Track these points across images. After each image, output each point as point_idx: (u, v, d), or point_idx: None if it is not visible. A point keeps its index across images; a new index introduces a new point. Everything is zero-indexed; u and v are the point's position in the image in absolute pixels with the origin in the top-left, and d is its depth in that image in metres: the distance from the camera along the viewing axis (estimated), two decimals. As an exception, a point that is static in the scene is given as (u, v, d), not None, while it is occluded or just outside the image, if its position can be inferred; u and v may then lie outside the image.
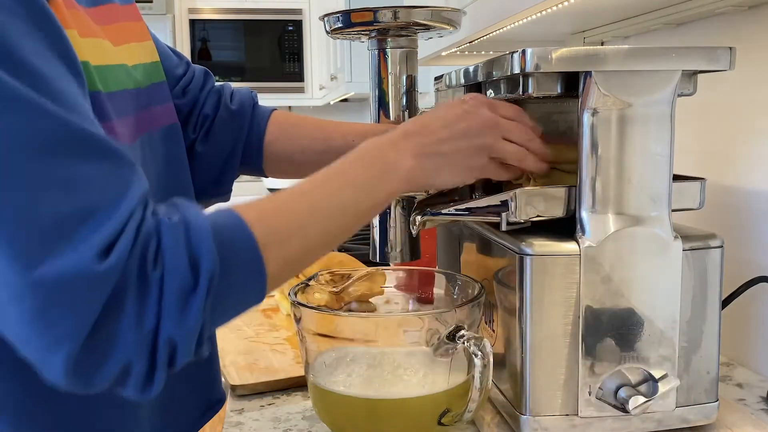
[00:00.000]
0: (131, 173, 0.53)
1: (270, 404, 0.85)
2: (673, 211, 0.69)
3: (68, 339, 0.47)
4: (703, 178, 0.73)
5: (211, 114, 0.90)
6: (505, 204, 0.69)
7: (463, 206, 0.73)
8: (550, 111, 0.86)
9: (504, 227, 0.69)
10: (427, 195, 0.81)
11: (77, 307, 0.46)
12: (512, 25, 1.06)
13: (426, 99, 1.95)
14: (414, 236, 0.85)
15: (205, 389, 0.75)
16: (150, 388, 0.51)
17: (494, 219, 0.70)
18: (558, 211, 0.69)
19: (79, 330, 0.47)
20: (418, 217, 0.78)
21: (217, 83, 0.94)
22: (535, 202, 0.69)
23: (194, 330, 0.50)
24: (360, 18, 0.79)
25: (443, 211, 0.75)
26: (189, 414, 0.72)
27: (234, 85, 0.96)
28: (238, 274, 0.53)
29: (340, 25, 0.81)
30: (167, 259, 0.49)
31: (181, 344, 0.50)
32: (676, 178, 0.70)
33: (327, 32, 0.83)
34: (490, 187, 0.81)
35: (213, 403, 0.76)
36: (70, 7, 0.61)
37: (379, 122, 0.86)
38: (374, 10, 0.78)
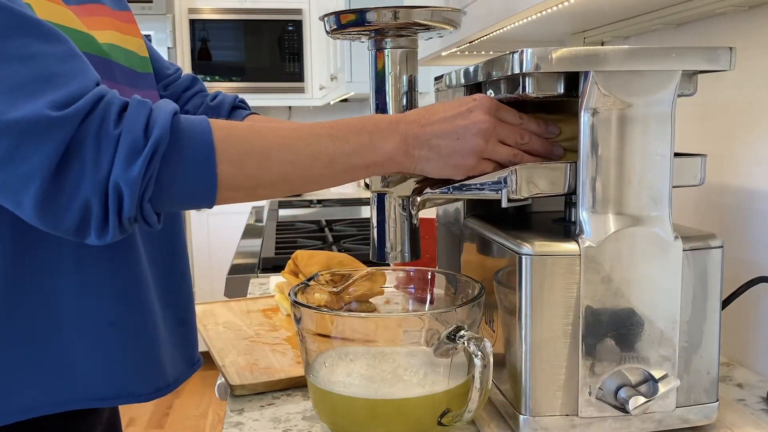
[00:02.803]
0: (85, 60, 0.65)
1: (270, 404, 0.85)
2: (674, 187, 0.69)
3: (36, 174, 0.59)
4: (704, 155, 0.72)
5: (191, 111, 1.00)
6: (505, 180, 0.69)
7: (463, 184, 0.73)
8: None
9: (505, 204, 0.69)
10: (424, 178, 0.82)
11: (40, 147, 0.58)
12: (512, 25, 1.06)
13: (426, 99, 1.95)
14: (414, 235, 0.85)
15: (185, 348, 0.89)
16: (107, 233, 0.62)
17: (495, 196, 0.70)
18: (559, 188, 0.69)
19: (44, 166, 0.59)
20: (418, 198, 0.78)
21: (211, 91, 1.04)
22: (535, 179, 0.68)
23: (136, 182, 0.60)
24: (359, 18, 0.79)
25: (443, 189, 0.75)
26: (177, 365, 0.87)
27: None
28: (186, 152, 0.63)
29: (339, 25, 0.81)
30: (127, 122, 0.61)
31: (125, 193, 0.60)
32: (676, 155, 0.70)
33: (327, 32, 0.83)
34: None
35: (194, 362, 0.92)
36: None
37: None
38: (374, 10, 0.78)
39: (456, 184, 0.73)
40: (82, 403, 0.77)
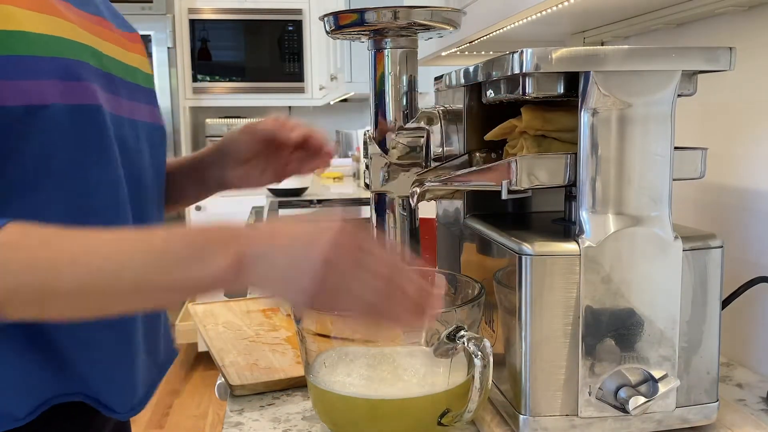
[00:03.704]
0: None
1: (270, 404, 0.85)
2: (675, 180, 0.69)
3: None
4: (704, 148, 0.72)
5: None
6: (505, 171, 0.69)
7: (463, 174, 0.73)
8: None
9: (505, 195, 0.69)
10: (426, 169, 0.82)
11: None
12: (512, 25, 1.06)
13: (426, 99, 1.95)
14: (414, 235, 0.85)
15: (157, 347, 0.86)
16: None
17: (495, 187, 0.70)
18: (559, 179, 0.69)
19: None
20: (417, 189, 0.78)
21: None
22: (536, 170, 0.68)
23: None
24: (359, 18, 0.79)
25: (443, 180, 0.75)
26: (151, 366, 0.84)
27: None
28: None
29: (340, 25, 0.81)
30: None
31: None
32: (677, 148, 0.70)
33: (327, 32, 0.83)
34: (489, 159, 0.81)
35: (171, 356, 0.90)
36: None
37: (376, 122, 0.86)
38: (374, 10, 0.78)
39: (456, 175, 0.73)
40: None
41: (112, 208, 0.77)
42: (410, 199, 0.81)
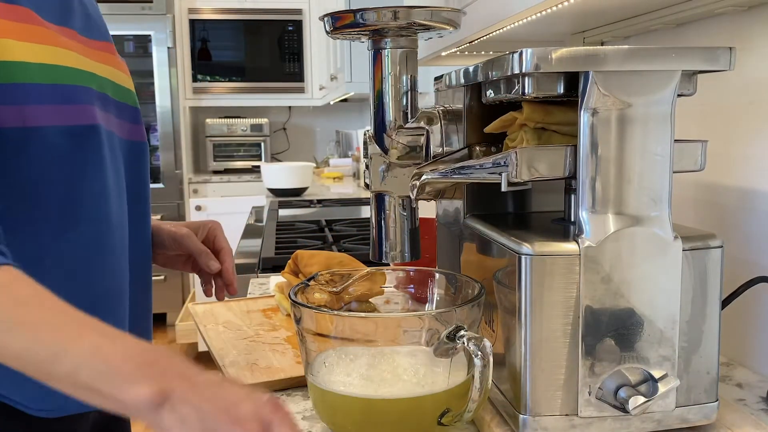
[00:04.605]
0: None
1: (270, 404, 0.85)
2: (675, 172, 0.69)
3: None
4: (704, 140, 0.72)
5: None
6: (505, 162, 0.69)
7: (463, 167, 0.72)
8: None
9: (504, 188, 0.69)
10: (424, 163, 0.82)
11: None
12: (512, 25, 1.06)
13: (426, 99, 1.95)
14: (414, 235, 0.85)
15: None
16: None
17: (495, 179, 0.70)
18: (558, 171, 0.69)
19: None
20: (417, 182, 0.78)
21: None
22: (536, 162, 0.68)
23: None
24: (359, 18, 0.79)
25: (443, 172, 0.74)
26: None
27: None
28: None
29: (339, 25, 0.81)
30: None
31: None
32: (677, 141, 0.70)
33: (327, 32, 0.83)
34: (489, 152, 0.81)
35: None
36: (22, 21, 0.73)
37: (376, 122, 0.86)
38: (374, 11, 0.78)
39: (456, 167, 0.73)
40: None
41: (102, 218, 0.81)
42: (410, 193, 0.81)
